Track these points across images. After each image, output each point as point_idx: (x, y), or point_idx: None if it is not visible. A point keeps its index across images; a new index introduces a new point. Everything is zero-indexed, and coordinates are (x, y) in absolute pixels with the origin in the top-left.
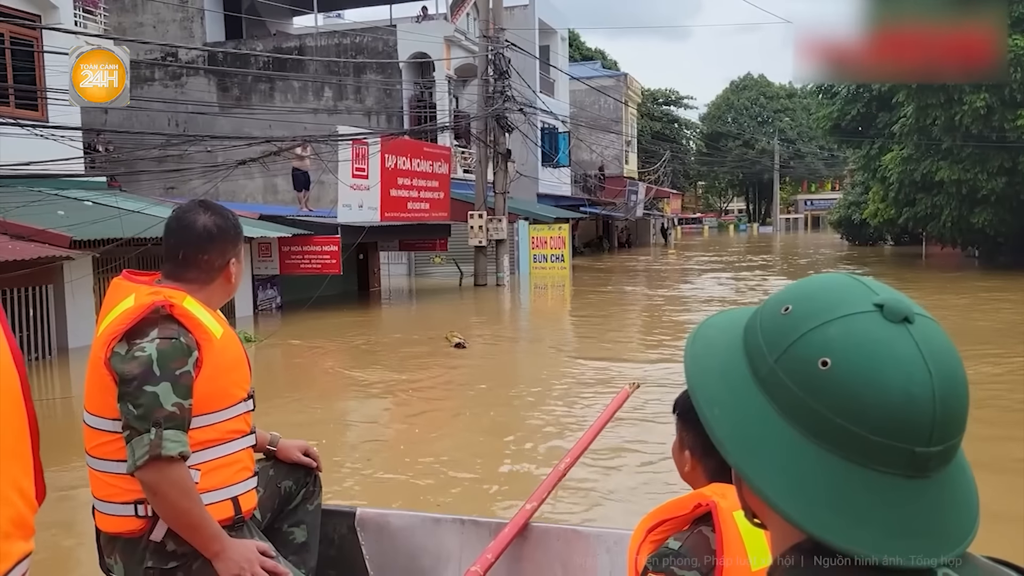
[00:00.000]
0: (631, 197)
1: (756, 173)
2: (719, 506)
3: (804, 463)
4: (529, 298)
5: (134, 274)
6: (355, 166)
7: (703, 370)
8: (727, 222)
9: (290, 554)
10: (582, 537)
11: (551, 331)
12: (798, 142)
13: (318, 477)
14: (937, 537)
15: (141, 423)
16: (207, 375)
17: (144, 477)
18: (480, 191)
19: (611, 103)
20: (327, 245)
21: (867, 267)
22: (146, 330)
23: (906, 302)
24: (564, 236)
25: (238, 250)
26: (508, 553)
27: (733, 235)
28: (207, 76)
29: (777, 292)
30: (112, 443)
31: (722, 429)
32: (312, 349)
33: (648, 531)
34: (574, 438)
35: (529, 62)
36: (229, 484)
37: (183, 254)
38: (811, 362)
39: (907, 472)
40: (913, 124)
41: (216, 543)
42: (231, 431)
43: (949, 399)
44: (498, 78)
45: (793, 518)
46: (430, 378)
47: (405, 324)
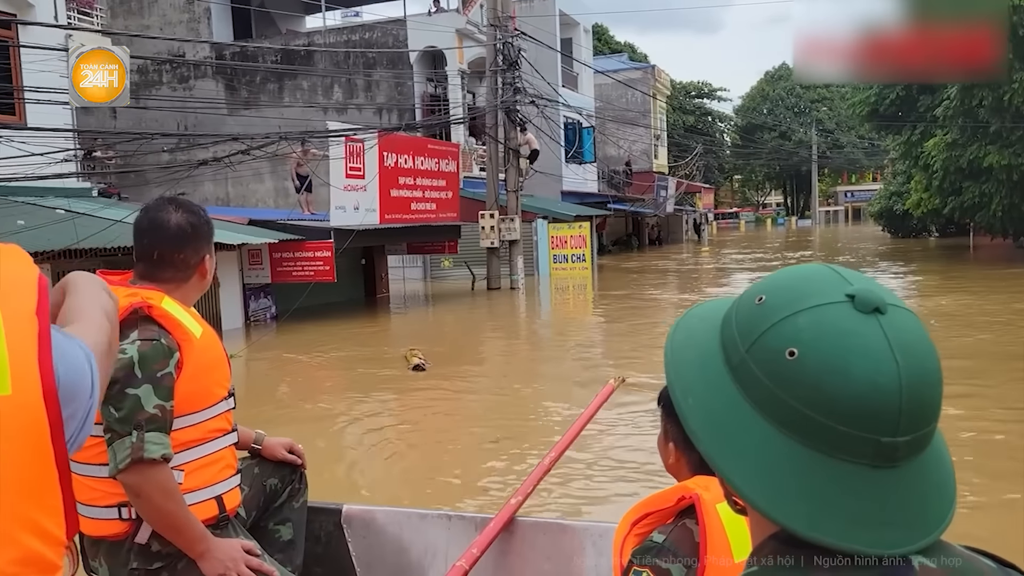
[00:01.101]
0: (660, 192)
1: (793, 165)
2: (702, 498)
3: (773, 453)
4: (544, 303)
5: (107, 274)
6: (349, 165)
7: (681, 361)
8: (764, 216)
9: (276, 552)
10: (568, 531)
11: (560, 348)
12: (837, 132)
13: (304, 475)
14: (907, 526)
15: (123, 426)
16: (188, 375)
17: (126, 480)
18: (491, 189)
19: (639, 97)
20: (320, 251)
21: (910, 261)
22: (126, 332)
23: (878, 292)
24: (585, 235)
25: (211, 246)
26: (494, 547)
27: (770, 229)
28: (215, 78)
29: (756, 282)
30: (94, 447)
31: (695, 419)
32: (276, 367)
33: (633, 524)
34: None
35: (550, 55)
36: (213, 483)
37: (158, 253)
38: (779, 352)
39: (874, 462)
40: (958, 106)
41: (201, 543)
42: (213, 430)
43: (917, 389)
44: (507, 69)
45: (761, 507)
46: (392, 409)
47: (400, 335)
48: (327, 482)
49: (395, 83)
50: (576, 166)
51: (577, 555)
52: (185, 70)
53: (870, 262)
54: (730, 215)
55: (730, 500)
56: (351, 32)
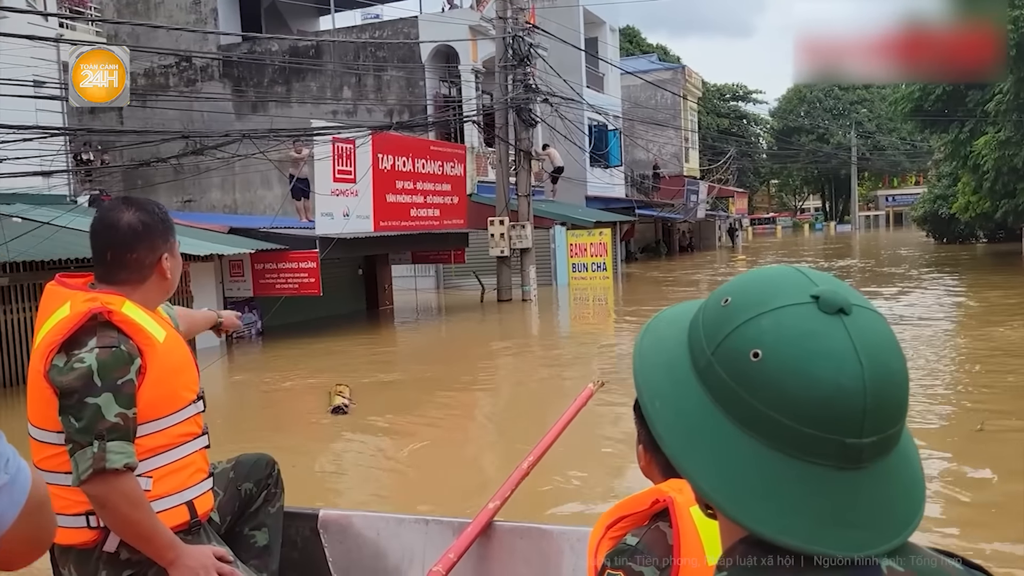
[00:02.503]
0: (691, 197)
1: (832, 168)
2: (676, 501)
3: (738, 455)
4: (556, 317)
5: (67, 277)
6: (337, 168)
7: (649, 365)
8: (802, 221)
9: (251, 558)
10: (545, 535)
11: (563, 378)
12: (877, 134)
13: (280, 479)
14: (873, 528)
15: (84, 436)
16: (152, 380)
17: (90, 491)
18: (501, 194)
19: (668, 99)
20: (304, 261)
21: (956, 269)
22: (84, 339)
23: (843, 293)
24: (606, 242)
25: (169, 244)
26: (472, 552)
27: (808, 235)
28: (222, 80)
29: (722, 284)
30: (59, 456)
31: (662, 422)
32: (224, 392)
33: (607, 527)
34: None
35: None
36: (183, 488)
37: (111, 255)
38: (743, 353)
39: (839, 463)
40: (1012, 101)
41: (170, 551)
42: (182, 434)
43: (882, 391)
44: (518, 64)
45: (727, 510)
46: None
47: (387, 355)
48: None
49: (406, 83)
50: (601, 170)
51: (555, 559)
52: (192, 72)
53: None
54: (766, 220)
55: (701, 504)
56: (361, 31)
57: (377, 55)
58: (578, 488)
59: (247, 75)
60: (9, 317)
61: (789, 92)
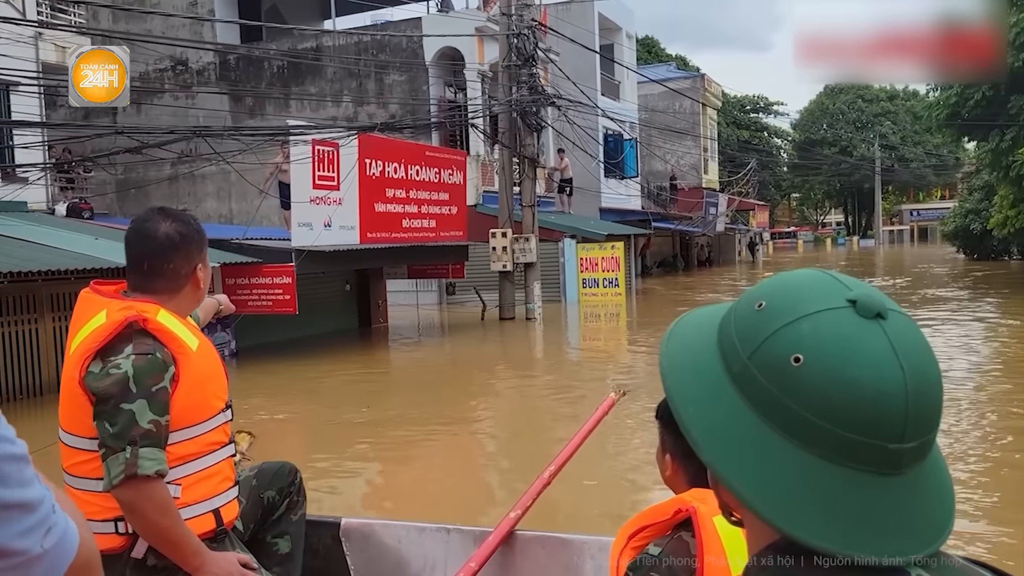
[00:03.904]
0: (710, 210)
1: (855, 182)
2: (699, 511)
3: (777, 460)
4: (561, 339)
5: (101, 284)
6: (317, 174)
7: (678, 369)
8: (824, 236)
9: (274, 565)
10: (566, 544)
11: (550, 427)
12: (901, 147)
13: (303, 487)
14: (910, 535)
15: (117, 441)
16: (184, 389)
17: (121, 496)
18: (503, 204)
19: (687, 109)
20: (279, 276)
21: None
22: (120, 346)
23: (879, 298)
24: (619, 256)
25: (203, 255)
26: (493, 561)
27: (831, 250)
28: (219, 84)
29: (751, 288)
30: (90, 462)
31: (696, 428)
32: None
33: (629, 537)
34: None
35: (589, 63)
36: (210, 496)
37: (148, 264)
38: (783, 358)
39: (880, 469)
40: None
41: (196, 558)
42: (211, 443)
43: (922, 395)
44: (523, 65)
45: (765, 515)
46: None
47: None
48: None
49: (409, 88)
50: (616, 181)
51: (576, 569)
52: (188, 76)
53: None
54: (787, 234)
55: (726, 512)
56: (363, 33)
57: (379, 57)
58: (598, 497)
59: (244, 78)
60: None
61: (811, 104)
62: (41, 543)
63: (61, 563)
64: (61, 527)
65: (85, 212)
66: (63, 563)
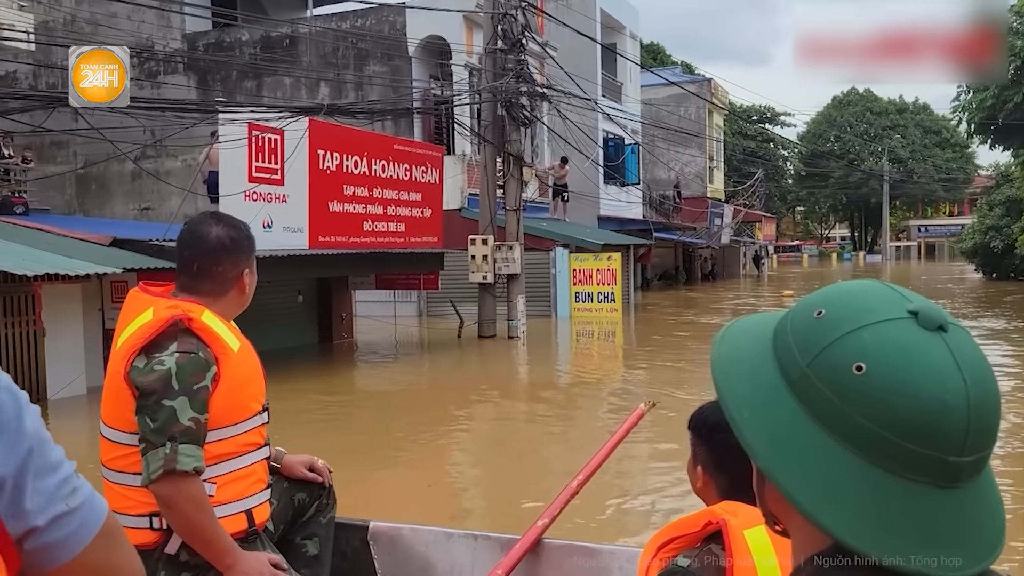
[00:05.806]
0: (715, 221)
1: (862, 196)
2: (729, 524)
3: (835, 468)
4: (542, 364)
5: (150, 285)
6: (255, 165)
7: (731, 373)
8: (828, 250)
9: (302, 567)
10: (594, 554)
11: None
12: (910, 161)
13: (332, 490)
14: (966, 549)
15: (157, 437)
16: (224, 389)
17: (158, 491)
18: (485, 207)
19: (692, 115)
20: None
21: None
22: (165, 344)
23: (940, 310)
24: (615, 268)
25: (251, 260)
26: (520, 569)
27: (836, 265)
28: (187, 74)
29: (808, 296)
30: (129, 456)
31: (751, 432)
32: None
33: (658, 548)
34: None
35: (590, 63)
36: (244, 496)
37: (197, 266)
38: (845, 367)
39: (939, 481)
40: None
41: (228, 556)
42: (247, 444)
43: (983, 409)
44: (508, 50)
45: (823, 523)
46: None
47: (306, 416)
48: None
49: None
50: (616, 188)
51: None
52: (154, 64)
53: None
54: (791, 248)
55: (771, 521)
56: (341, 19)
57: (359, 47)
58: (627, 508)
59: (215, 67)
60: None
61: (819, 115)
62: (66, 502)
63: (91, 525)
64: (86, 491)
65: (18, 207)
66: (93, 526)
